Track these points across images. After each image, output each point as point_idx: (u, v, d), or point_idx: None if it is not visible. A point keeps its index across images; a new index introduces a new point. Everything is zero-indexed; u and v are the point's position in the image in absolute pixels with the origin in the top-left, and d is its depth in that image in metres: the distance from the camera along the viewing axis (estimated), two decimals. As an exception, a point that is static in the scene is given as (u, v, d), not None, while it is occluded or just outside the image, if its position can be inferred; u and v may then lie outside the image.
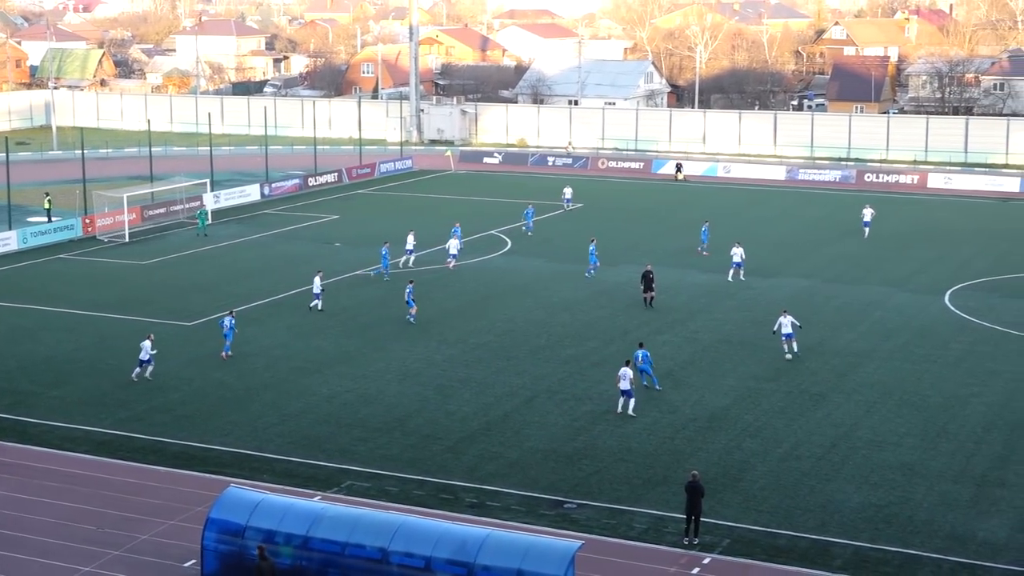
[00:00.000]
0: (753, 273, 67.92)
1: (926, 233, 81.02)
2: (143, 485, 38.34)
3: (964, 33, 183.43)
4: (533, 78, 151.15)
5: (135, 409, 45.42)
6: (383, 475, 39.09)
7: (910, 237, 79.37)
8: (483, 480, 38.71)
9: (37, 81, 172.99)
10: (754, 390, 47.44)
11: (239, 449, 41.41)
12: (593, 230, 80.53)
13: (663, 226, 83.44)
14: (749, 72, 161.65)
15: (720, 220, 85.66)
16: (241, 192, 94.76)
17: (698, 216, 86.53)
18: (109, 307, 60.44)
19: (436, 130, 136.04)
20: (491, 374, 49.49)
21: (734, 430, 43.07)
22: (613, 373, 49.25)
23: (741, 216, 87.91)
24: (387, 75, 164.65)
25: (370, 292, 63.13)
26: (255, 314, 59.11)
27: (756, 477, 38.85)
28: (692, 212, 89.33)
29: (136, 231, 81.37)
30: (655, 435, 42.56)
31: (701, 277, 67.05)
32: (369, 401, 46.30)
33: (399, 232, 74.30)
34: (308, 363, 51.15)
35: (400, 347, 53.41)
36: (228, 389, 47.74)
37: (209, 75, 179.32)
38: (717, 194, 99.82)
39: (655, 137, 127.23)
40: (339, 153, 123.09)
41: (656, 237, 79.08)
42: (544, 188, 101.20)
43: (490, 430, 43.15)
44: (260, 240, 78.99)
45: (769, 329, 55.76)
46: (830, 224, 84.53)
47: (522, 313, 59.16)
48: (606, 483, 38.47)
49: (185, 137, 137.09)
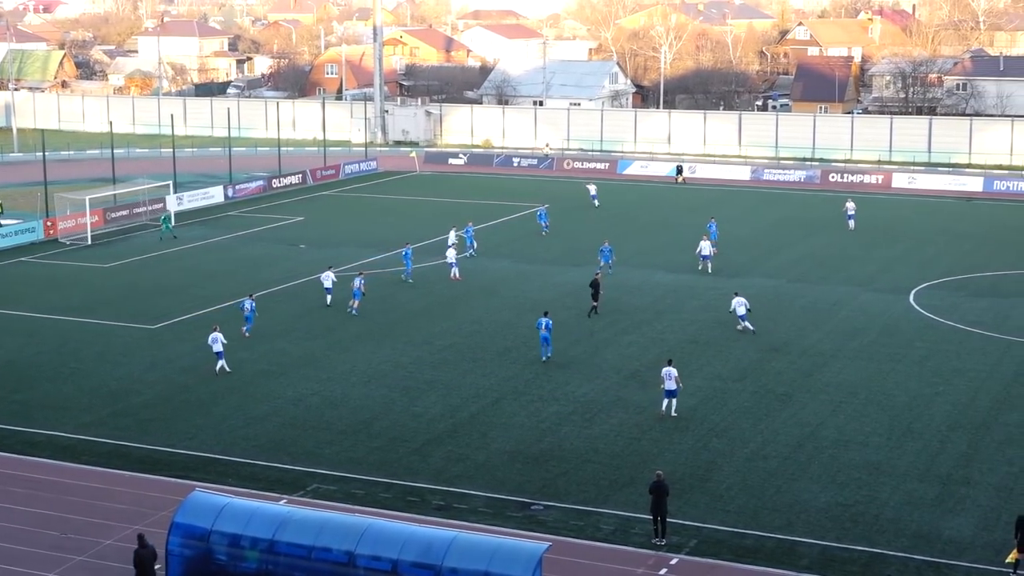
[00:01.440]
0: (718, 273, 68.12)
1: (890, 232, 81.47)
2: (107, 490, 38.11)
3: (927, 33, 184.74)
4: (498, 79, 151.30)
5: (98, 413, 45.15)
6: (349, 478, 39.00)
7: (875, 236, 79.77)
8: (450, 482, 38.67)
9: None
10: (720, 390, 47.57)
11: (204, 453, 41.21)
12: (559, 232, 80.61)
13: (630, 227, 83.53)
14: (714, 72, 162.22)
15: (685, 220, 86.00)
16: (205, 194, 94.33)
17: (664, 217, 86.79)
18: (71, 310, 60.06)
19: (401, 131, 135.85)
20: (458, 376, 49.45)
21: (701, 430, 43.17)
22: (579, 374, 49.40)
23: (705, 216, 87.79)
24: (351, 76, 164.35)
25: (334, 294, 62.87)
26: (218, 316, 58.82)
27: (723, 477, 38.95)
28: (657, 213, 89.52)
29: (98, 233, 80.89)
30: (622, 436, 42.61)
31: (667, 277, 67.18)
32: (335, 404, 46.19)
33: (366, 234, 74.11)
34: (273, 366, 50.97)
35: (366, 349, 53.30)
36: (192, 392, 47.53)
37: (172, 76, 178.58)
38: (682, 194, 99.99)
39: (620, 138, 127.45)
40: (303, 154, 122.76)
41: (622, 237, 79.09)
42: (510, 189, 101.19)
43: (457, 432, 43.11)
44: (224, 242, 78.66)
45: (734, 329, 56.03)
46: (795, 224, 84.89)
47: (489, 314, 59.13)
48: (573, 484, 38.49)
49: (148, 139, 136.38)
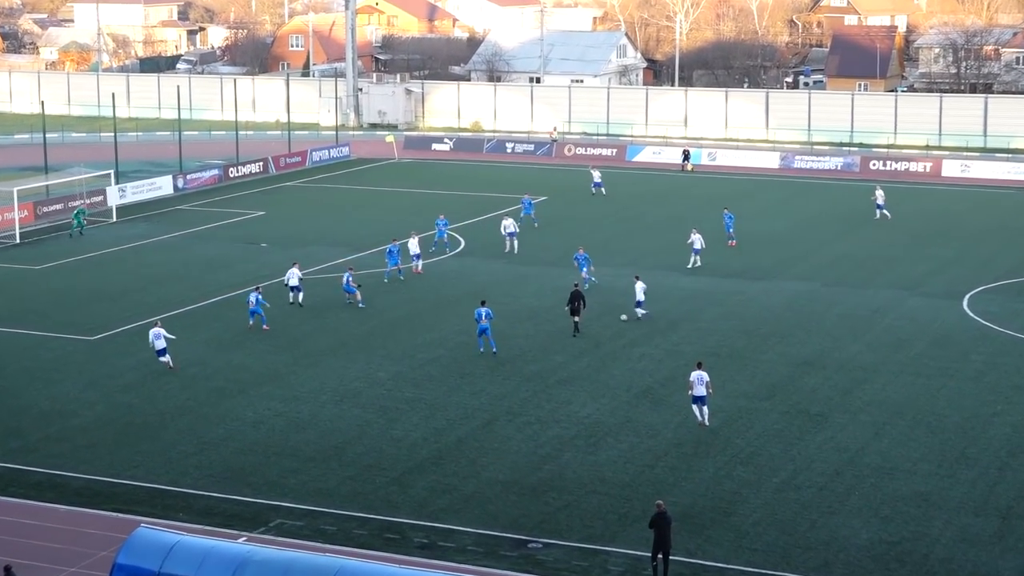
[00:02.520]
0: (743, 275, 68.18)
1: (941, 228, 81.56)
2: (39, 527, 38.02)
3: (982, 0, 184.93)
4: (488, 52, 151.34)
5: (28, 438, 45.08)
6: (318, 512, 38.96)
7: (923, 233, 79.87)
8: (434, 517, 38.64)
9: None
10: (746, 410, 47.58)
11: (151, 484, 41.14)
12: (560, 228, 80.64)
13: (639, 223, 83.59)
14: (737, 44, 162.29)
15: (705, 214, 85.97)
16: (151, 185, 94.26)
17: (679, 211, 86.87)
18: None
19: (377, 112, 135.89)
20: (443, 394, 49.44)
21: (723, 456, 43.17)
22: (583, 392, 49.41)
23: (728, 209, 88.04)
24: (319, 49, 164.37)
25: (304, 293, 62.87)
26: (167, 326, 58.65)
27: (749, 511, 38.95)
28: (671, 207, 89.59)
29: (28, 231, 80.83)
30: (632, 463, 42.61)
31: (683, 281, 67.23)
32: (301, 427, 46.16)
33: (337, 232, 74.18)
34: (230, 383, 50.93)
35: (337, 363, 53.29)
36: (137, 414, 47.47)
37: (112, 49, 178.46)
38: (701, 184, 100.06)
39: (630, 119, 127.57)
40: (264, 139, 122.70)
41: (630, 235, 79.22)
42: (503, 179, 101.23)
43: (442, 459, 43.09)
44: (172, 241, 78.61)
45: (763, 339, 56.11)
46: (831, 219, 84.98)
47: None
48: (576, 519, 38.48)
49: (85, 121, 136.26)
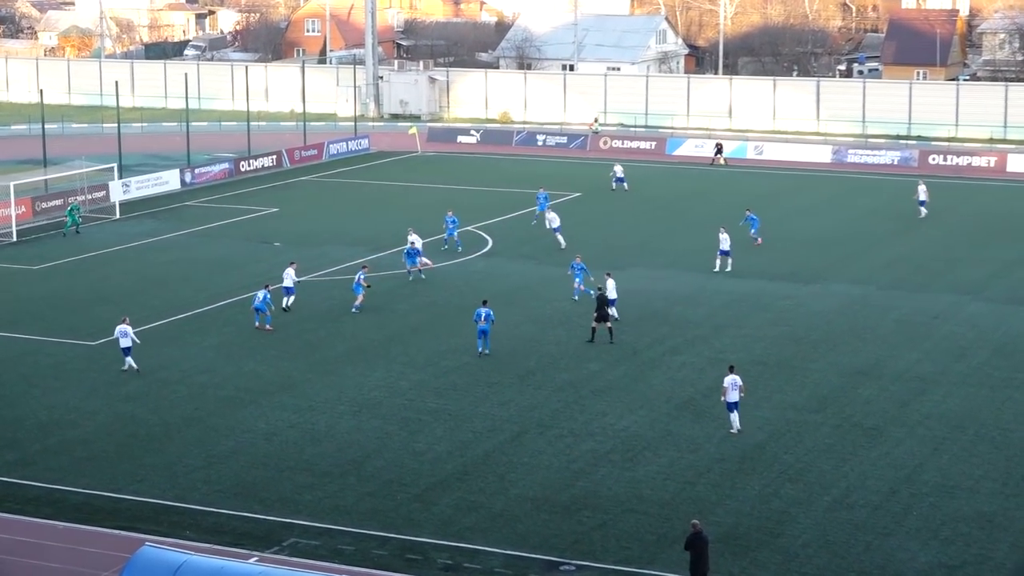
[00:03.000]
0: (792, 278, 68.00)
1: (1006, 228, 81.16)
2: (36, 544, 38.08)
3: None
4: (518, 37, 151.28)
5: (25, 450, 45.18)
6: (335, 531, 38.93)
7: (986, 233, 79.50)
8: (460, 536, 38.57)
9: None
10: (795, 423, 47.41)
11: (155, 499, 41.17)
12: (593, 226, 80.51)
13: (679, 221, 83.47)
14: (785, 29, 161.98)
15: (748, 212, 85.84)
16: (156, 179, 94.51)
17: (720, 209, 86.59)
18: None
19: (398, 102, 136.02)
20: (469, 405, 49.39)
21: (771, 473, 43.01)
22: (619, 403, 49.29)
23: (775, 207, 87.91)
24: (337, 34, 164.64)
25: (317, 303, 62.95)
26: (173, 331, 58.90)
27: (798, 531, 38.79)
28: (714, 204, 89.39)
29: (26, 228, 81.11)
30: (673, 479, 42.48)
31: (727, 283, 67.06)
32: (317, 439, 46.15)
33: (355, 230, 74.27)
34: (241, 392, 50.98)
35: (355, 371, 53.29)
36: (141, 424, 47.54)
37: (116, 34, 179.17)
38: (746, 180, 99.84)
39: (670, 110, 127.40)
40: (278, 131, 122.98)
41: (670, 234, 79.08)
42: (534, 174, 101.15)
43: (468, 474, 43.03)
44: (179, 239, 78.78)
45: (813, 347, 55.91)
46: (886, 217, 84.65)
47: (507, 328, 59.02)
48: (612, 540, 38.36)
49: (87, 111, 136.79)
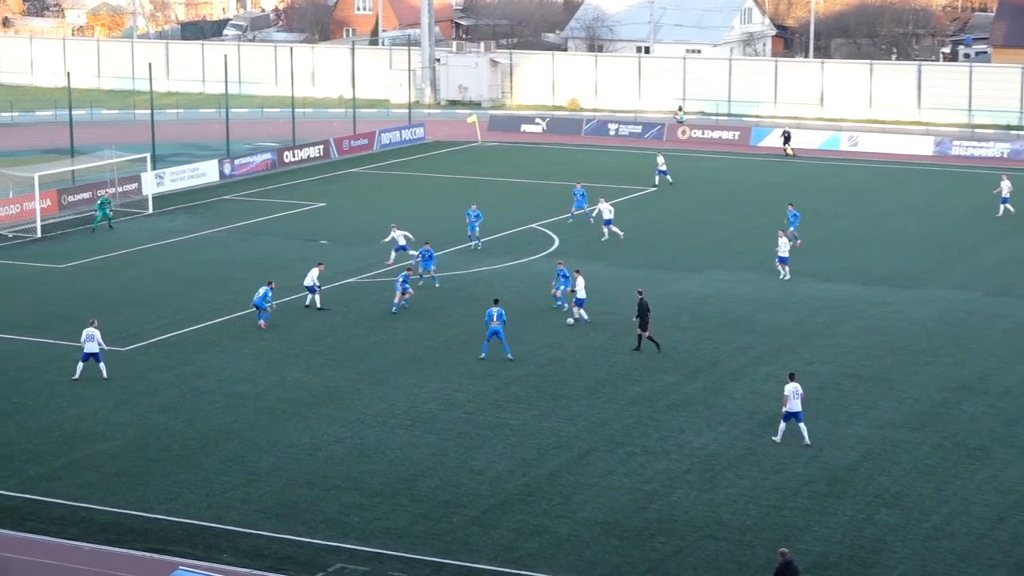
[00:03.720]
0: (889, 282, 67.76)
1: None
2: (61, 568, 38.43)
3: None
4: (589, 17, 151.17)
5: (50, 464, 45.60)
6: (385, 555, 39.10)
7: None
8: (522, 563, 38.68)
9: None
10: (891, 442, 47.26)
11: (190, 519, 41.46)
12: (670, 224, 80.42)
13: (764, 219, 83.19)
14: (883, 8, 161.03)
15: (843, 210, 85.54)
16: (193, 171, 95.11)
17: (814, 205, 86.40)
18: (14, 326, 60.75)
19: (457, 87, 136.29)
20: (532, 419, 49.49)
21: (864, 497, 42.90)
22: (697, 418, 49.27)
23: (871, 204, 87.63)
24: (390, 12, 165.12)
25: (367, 307, 63.22)
26: (210, 336, 59.29)
27: (895, 561, 38.68)
28: (804, 200, 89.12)
29: (51, 223, 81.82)
30: (756, 503, 42.45)
31: (817, 288, 66.90)
32: (366, 455, 46.38)
33: (409, 226, 74.45)
34: (283, 403, 51.27)
35: (408, 381, 53.49)
36: (175, 438, 47.89)
37: (149, 13, 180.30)
38: (839, 174, 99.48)
39: (756, 97, 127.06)
40: (325, 118, 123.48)
41: (754, 233, 78.87)
42: (605, 166, 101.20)
43: (531, 495, 43.14)
44: (217, 236, 79.28)
45: (912, 358, 55.69)
46: (994, 216, 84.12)
47: (574, 336, 59.13)
48: (688, 568, 38.38)
49: (117, 96, 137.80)
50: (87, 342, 53.32)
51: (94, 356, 53.38)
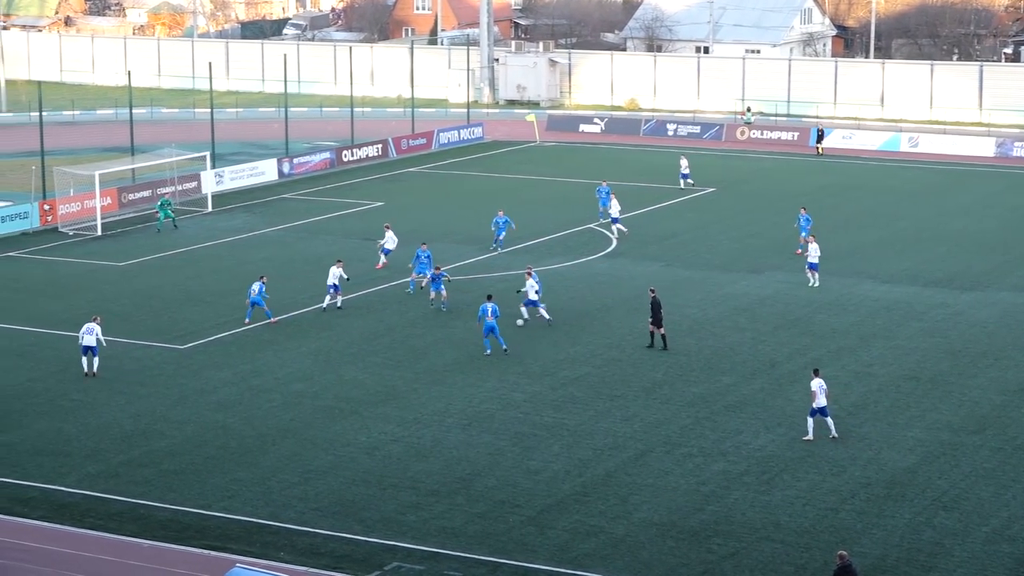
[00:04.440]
0: (949, 284, 67.43)
1: None
2: (119, 564, 38.67)
3: None
4: (648, 17, 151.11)
5: (108, 462, 45.88)
6: (442, 554, 39.17)
7: None
8: (577, 563, 38.67)
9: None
10: (951, 445, 47.03)
11: (247, 517, 41.66)
12: (728, 224, 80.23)
13: (827, 219, 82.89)
14: (945, 8, 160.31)
15: (904, 211, 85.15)
16: (252, 170, 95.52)
17: (874, 206, 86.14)
18: (75, 323, 61.00)
19: (516, 87, 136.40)
20: (589, 419, 49.48)
21: (923, 500, 42.71)
22: (755, 420, 49.17)
23: (931, 205, 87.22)
24: (449, 12, 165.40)
25: (424, 306, 63.34)
26: (268, 335, 59.53)
27: (953, 565, 38.48)
28: (864, 201, 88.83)
29: (111, 221, 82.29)
30: (813, 505, 42.32)
31: (877, 289, 66.65)
32: (423, 454, 46.46)
33: (466, 226, 74.61)
34: (341, 402, 51.44)
35: (465, 381, 53.57)
36: (233, 436, 48.13)
37: (210, 12, 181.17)
38: (898, 175, 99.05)
39: (815, 98, 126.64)
40: (384, 118, 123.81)
41: (815, 233, 78.57)
42: (663, 167, 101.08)
43: (587, 496, 43.14)
44: (276, 235, 79.58)
45: (972, 361, 55.40)
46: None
47: (632, 336, 59.08)
48: (745, 570, 38.31)
49: (178, 95, 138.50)
50: (86, 335, 54.09)
51: (91, 350, 54.06)
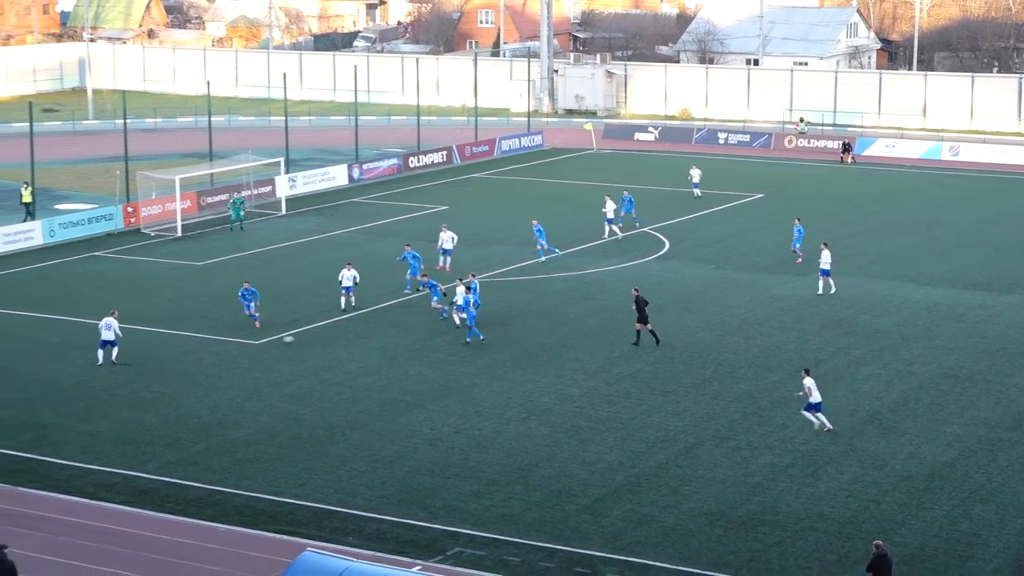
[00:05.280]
0: (988, 287, 67.08)
1: None
2: (197, 547, 38.97)
3: None
4: (700, 30, 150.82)
5: (187, 450, 46.24)
6: (501, 540, 39.28)
7: None
8: (630, 550, 38.71)
9: (69, 32, 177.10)
10: (988, 441, 46.82)
11: (318, 503, 41.90)
12: (776, 228, 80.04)
13: (868, 224, 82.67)
14: (986, 23, 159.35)
15: (944, 217, 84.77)
16: (324, 175, 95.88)
17: (915, 212, 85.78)
18: (156, 319, 61.54)
19: (574, 97, 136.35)
20: (642, 413, 49.50)
21: (960, 493, 42.54)
22: (799, 415, 49.03)
23: (971, 211, 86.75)
24: (511, 26, 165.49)
25: (486, 305, 63.46)
26: (338, 332, 59.81)
27: (990, 555, 38.33)
28: (906, 207, 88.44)
29: (191, 223, 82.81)
30: (855, 497, 42.21)
31: (918, 292, 66.37)
32: (484, 445, 46.59)
33: (527, 229, 74.66)
34: (406, 395, 51.63)
35: (524, 376, 53.67)
36: (305, 427, 48.38)
37: (285, 25, 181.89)
38: (939, 182, 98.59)
39: (860, 108, 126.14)
40: (449, 126, 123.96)
41: (857, 238, 78.37)
42: (714, 173, 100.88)
43: (639, 486, 43.17)
44: (346, 237, 79.88)
45: (1009, 360, 55.16)
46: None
47: (683, 335, 59.04)
48: (790, 558, 38.26)
49: (254, 104, 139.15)
50: (104, 330, 54.86)
51: (110, 343, 54.88)
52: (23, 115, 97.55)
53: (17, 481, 43.58)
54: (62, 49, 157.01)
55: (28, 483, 43.44)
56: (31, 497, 42.46)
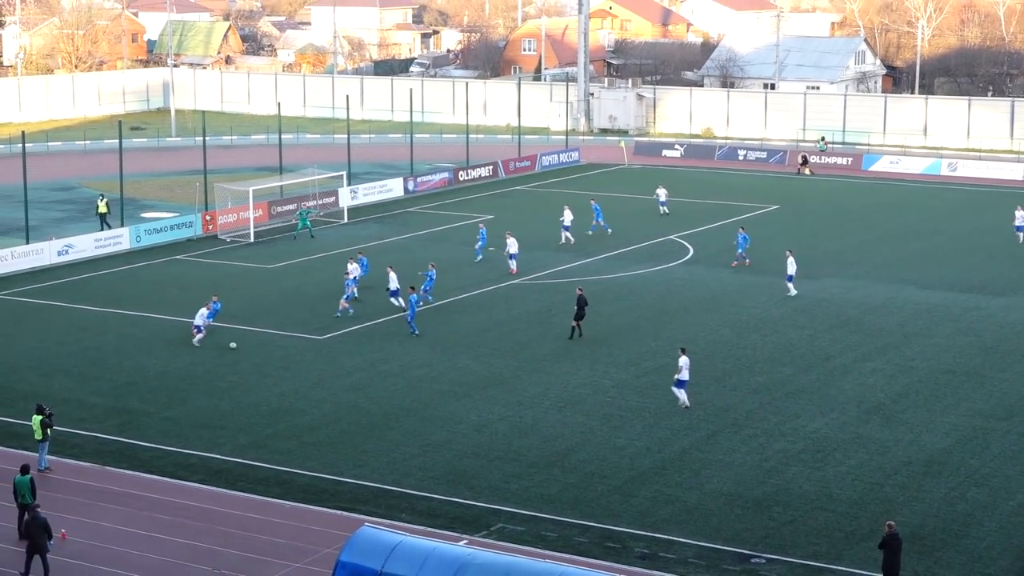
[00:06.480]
0: (982, 290, 66.70)
1: None
2: (265, 521, 39.08)
3: None
4: (722, 57, 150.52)
5: (258, 434, 46.34)
6: (540, 518, 39.25)
7: None
8: (656, 527, 38.63)
9: (155, 58, 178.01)
10: (982, 430, 46.51)
11: (375, 483, 41.94)
12: (791, 237, 79.69)
13: (874, 233, 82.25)
14: (981, 51, 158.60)
15: (943, 226, 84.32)
16: (382, 187, 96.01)
17: (917, 222, 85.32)
18: (230, 316, 61.65)
19: (608, 117, 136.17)
20: (667, 403, 49.33)
21: (957, 477, 42.29)
22: (811, 405, 48.87)
23: (967, 221, 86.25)
24: (552, 53, 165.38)
25: (528, 304, 63.47)
26: (394, 328, 59.83)
27: (983, 534, 38.08)
28: (908, 217, 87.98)
29: (262, 230, 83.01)
30: (861, 480, 42.00)
31: (919, 294, 66.00)
32: (525, 431, 46.53)
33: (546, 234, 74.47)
34: (455, 386, 51.61)
35: (561, 369, 53.58)
36: (363, 413, 48.42)
37: (348, 52, 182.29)
38: (939, 195, 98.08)
39: (867, 128, 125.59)
40: (495, 143, 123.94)
41: (864, 246, 78.00)
42: (734, 187, 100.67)
43: (665, 469, 43.04)
44: (402, 243, 79.94)
45: (1002, 357, 54.76)
46: None
47: (705, 333, 58.86)
48: (801, 535, 38.09)
49: (319, 123, 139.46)
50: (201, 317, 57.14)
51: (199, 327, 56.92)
52: (113, 133, 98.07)
53: (105, 461, 43.82)
54: (148, 74, 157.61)
55: (115, 463, 43.66)
56: (118, 476, 42.68)
